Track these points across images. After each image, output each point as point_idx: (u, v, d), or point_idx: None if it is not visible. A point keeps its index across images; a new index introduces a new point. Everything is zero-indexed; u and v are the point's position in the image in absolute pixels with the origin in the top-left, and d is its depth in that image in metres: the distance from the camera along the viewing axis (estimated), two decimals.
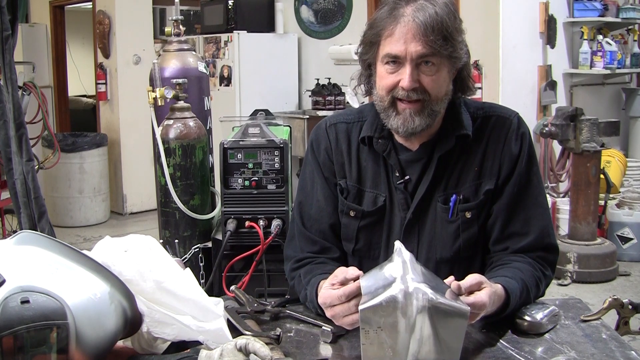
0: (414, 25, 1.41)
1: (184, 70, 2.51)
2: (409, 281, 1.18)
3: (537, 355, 1.28)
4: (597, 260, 4.54)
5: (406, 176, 1.56)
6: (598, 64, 5.38)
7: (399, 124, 1.48)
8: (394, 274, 1.21)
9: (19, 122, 2.56)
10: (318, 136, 1.67)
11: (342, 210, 1.62)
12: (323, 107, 5.56)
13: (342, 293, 1.31)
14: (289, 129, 2.58)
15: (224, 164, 2.30)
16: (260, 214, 2.30)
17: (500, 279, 1.41)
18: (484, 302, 1.28)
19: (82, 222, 6.40)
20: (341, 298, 1.31)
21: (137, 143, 6.47)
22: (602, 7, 5.39)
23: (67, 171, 6.26)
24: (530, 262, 1.51)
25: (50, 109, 7.29)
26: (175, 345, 1.26)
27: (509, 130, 1.55)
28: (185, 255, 2.37)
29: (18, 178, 2.56)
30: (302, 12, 6.13)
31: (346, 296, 1.31)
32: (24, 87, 4.53)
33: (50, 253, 1.13)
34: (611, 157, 5.39)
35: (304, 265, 1.61)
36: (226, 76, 5.81)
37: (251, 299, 1.51)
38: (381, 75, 1.49)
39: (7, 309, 1.01)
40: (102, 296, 1.12)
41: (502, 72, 4.93)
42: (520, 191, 1.54)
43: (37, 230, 2.54)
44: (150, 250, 1.26)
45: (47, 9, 7.61)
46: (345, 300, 1.31)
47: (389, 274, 1.22)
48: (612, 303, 1.46)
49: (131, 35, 6.71)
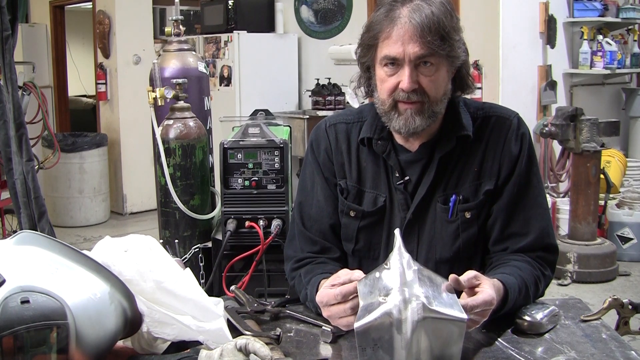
0: (410, 27, 1.41)
1: (184, 70, 2.51)
2: (404, 293, 1.16)
3: (537, 355, 1.28)
4: (597, 260, 4.54)
5: (406, 177, 1.56)
6: (598, 64, 5.38)
7: (401, 124, 1.48)
8: (390, 283, 1.19)
9: (19, 122, 2.56)
10: (318, 136, 1.67)
11: (342, 211, 1.62)
12: (323, 107, 5.56)
13: (339, 292, 1.31)
14: (289, 129, 2.58)
15: (224, 164, 2.30)
16: (260, 214, 2.30)
17: (498, 275, 1.42)
18: (491, 296, 1.28)
19: (82, 222, 6.40)
20: (337, 297, 1.31)
21: (137, 143, 6.47)
22: (602, 7, 5.39)
23: (67, 171, 6.26)
24: (530, 262, 1.51)
25: (50, 109, 7.28)
26: (175, 345, 1.26)
27: (508, 131, 1.55)
28: (185, 255, 2.37)
29: (18, 178, 2.56)
30: (302, 12, 6.13)
31: (342, 296, 1.31)
32: (24, 87, 4.54)
33: (50, 253, 1.13)
34: (611, 157, 5.39)
35: (304, 265, 1.61)
36: (226, 76, 5.81)
37: (251, 299, 1.51)
38: (381, 78, 1.49)
39: (7, 309, 1.01)
40: (102, 296, 1.12)
41: (502, 72, 4.93)
42: (520, 191, 1.54)
43: (37, 230, 2.54)
44: (150, 250, 1.27)
45: (47, 9, 7.61)
46: (341, 300, 1.31)
47: (385, 283, 1.20)
48: (612, 303, 1.46)
49: (131, 35, 6.71)
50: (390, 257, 1.25)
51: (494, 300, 1.28)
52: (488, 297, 1.27)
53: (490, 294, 1.28)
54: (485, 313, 1.28)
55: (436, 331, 1.16)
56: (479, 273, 1.32)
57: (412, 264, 1.23)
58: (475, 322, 1.28)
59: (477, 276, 1.31)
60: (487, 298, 1.26)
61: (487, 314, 1.28)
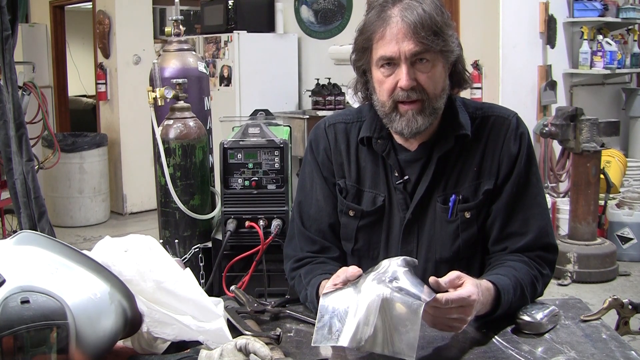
0: (403, 25, 1.42)
1: (184, 70, 2.51)
2: (375, 277, 1.24)
3: (537, 355, 1.28)
4: (597, 260, 4.54)
5: (405, 176, 1.56)
6: (598, 64, 5.39)
7: (403, 125, 1.48)
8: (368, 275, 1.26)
9: (19, 122, 2.56)
10: (317, 136, 1.67)
11: (342, 210, 1.62)
12: (323, 107, 5.56)
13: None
14: (289, 129, 2.58)
15: (224, 164, 2.30)
16: (260, 214, 2.29)
17: (492, 277, 1.42)
18: (470, 292, 1.28)
19: (82, 222, 6.40)
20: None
21: (137, 143, 6.47)
22: (602, 7, 5.40)
23: (67, 171, 6.26)
24: (526, 261, 1.51)
25: (50, 109, 7.28)
26: (175, 345, 1.26)
27: (507, 130, 1.56)
28: (185, 255, 2.37)
29: (18, 178, 2.56)
30: (302, 12, 6.13)
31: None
32: (24, 87, 4.53)
33: (50, 253, 1.13)
34: (611, 157, 5.39)
35: (304, 265, 1.61)
36: (226, 76, 5.81)
37: (251, 299, 1.51)
38: (379, 80, 1.49)
39: (7, 309, 1.01)
40: (102, 296, 1.12)
41: (502, 72, 4.93)
42: (519, 191, 1.54)
43: (37, 230, 2.54)
44: (150, 250, 1.27)
45: (47, 9, 7.61)
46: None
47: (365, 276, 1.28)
48: (612, 303, 1.47)
49: (131, 35, 6.72)
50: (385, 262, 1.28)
51: (474, 297, 1.28)
52: (465, 292, 1.27)
53: (469, 290, 1.28)
54: (467, 311, 1.28)
55: (392, 310, 1.19)
56: (463, 274, 1.33)
57: (403, 267, 1.25)
58: (459, 320, 1.28)
59: (459, 276, 1.31)
60: (463, 293, 1.27)
61: (469, 311, 1.29)
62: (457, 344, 1.34)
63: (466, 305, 1.28)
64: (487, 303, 1.37)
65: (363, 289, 1.24)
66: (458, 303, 1.26)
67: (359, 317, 1.21)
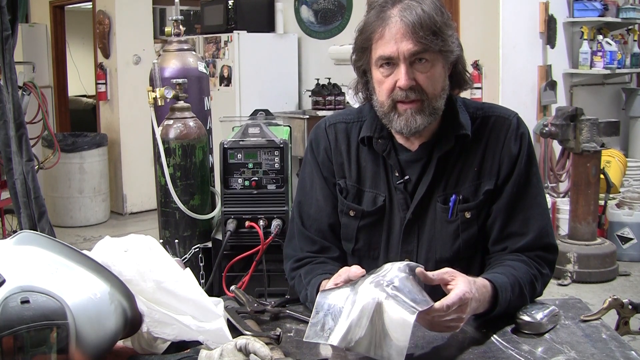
0: (402, 25, 1.43)
1: (184, 70, 2.51)
2: (374, 279, 1.25)
3: (537, 355, 1.28)
4: (597, 260, 4.54)
5: (406, 176, 1.56)
6: (598, 64, 5.39)
7: (402, 125, 1.48)
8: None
9: (19, 122, 2.56)
10: (317, 136, 1.67)
11: (342, 210, 1.62)
12: (323, 107, 5.56)
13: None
14: (289, 129, 2.58)
15: (224, 164, 2.30)
16: (260, 214, 2.30)
17: (490, 275, 1.42)
18: (464, 290, 1.28)
19: (82, 222, 6.40)
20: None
21: (137, 143, 6.47)
22: (602, 7, 5.39)
23: (67, 171, 6.26)
24: (525, 261, 1.51)
25: (50, 109, 7.28)
26: (175, 345, 1.26)
27: (508, 131, 1.55)
28: (185, 255, 2.37)
29: (18, 178, 2.56)
30: (302, 12, 6.13)
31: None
32: (24, 87, 4.53)
33: (50, 253, 1.13)
34: (611, 157, 5.39)
35: (304, 265, 1.61)
36: (226, 76, 5.81)
37: (251, 299, 1.51)
38: (379, 80, 1.49)
39: (7, 309, 1.01)
40: (102, 296, 1.12)
41: (502, 72, 4.93)
42: (520, 191, 1.54)
43: (37, 230, 2.54)
44: (150, 250, 1.27)
45: (47, 9, 7.61)
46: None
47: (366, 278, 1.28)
48: (612, 303, 1.47)
49: (131, 35, 6.71)
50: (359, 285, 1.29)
51: (468, 294, 1.28)
52: (460, 292, 1.27)
53: (463, 288, 1.28)
54: (462, 309, 1.28)
55: (384, 315, 1.20)
56: (454, 270, 1.33)
57: (404, 273, 1.25)
58: (456, 320, 1.29)
59: (450, 272, 1.32)
60: (459, 294, 1.27)
61: (465, 309, 1.29)
62: (456, 344, 1.34)
63: (461, 303, 1.28)
64: (484, 301, 1.37)
65: (360, 291, 1.24)
66: (457, 304, 1.26)
67: (352, 318, 1.21)
